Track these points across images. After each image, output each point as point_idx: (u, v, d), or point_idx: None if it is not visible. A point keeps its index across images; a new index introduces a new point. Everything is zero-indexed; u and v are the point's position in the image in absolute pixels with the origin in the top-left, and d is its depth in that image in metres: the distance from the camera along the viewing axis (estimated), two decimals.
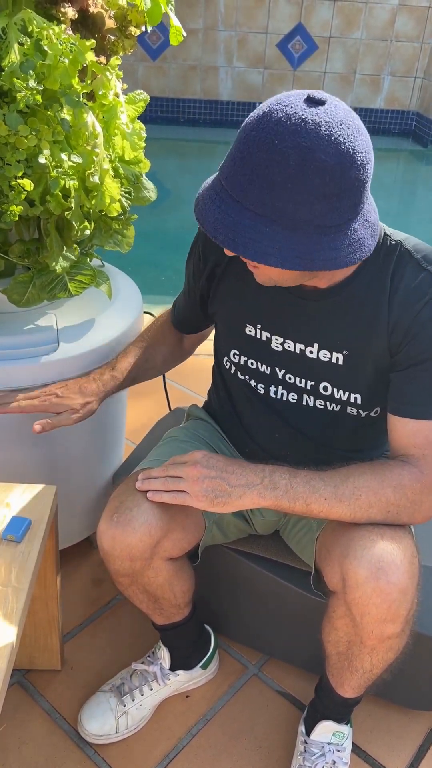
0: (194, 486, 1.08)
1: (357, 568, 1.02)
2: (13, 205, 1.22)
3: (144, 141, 1.46)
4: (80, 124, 1.26)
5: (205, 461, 1.10)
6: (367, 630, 1.05)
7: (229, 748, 1.37)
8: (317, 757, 1.27)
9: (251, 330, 1.21)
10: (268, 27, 6.44)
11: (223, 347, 1.30)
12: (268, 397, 1.24)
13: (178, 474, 1.10)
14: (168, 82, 6.65)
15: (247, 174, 0.90)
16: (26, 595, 1.06)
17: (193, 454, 1.12)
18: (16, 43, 1.17)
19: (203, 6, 6.29)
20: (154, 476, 1.14)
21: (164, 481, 1.12)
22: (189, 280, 1.34)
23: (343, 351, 1.13)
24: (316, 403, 1.20)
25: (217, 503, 1.07)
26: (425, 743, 1.40)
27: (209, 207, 0.95)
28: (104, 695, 1.39)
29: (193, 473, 1.08)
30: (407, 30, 6.50)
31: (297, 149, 0.87)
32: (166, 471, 1.13)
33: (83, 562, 1.76)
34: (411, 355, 1.06)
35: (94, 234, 1.47)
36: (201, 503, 1.08)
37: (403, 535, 1.07)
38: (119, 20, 1.36)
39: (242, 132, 0.93)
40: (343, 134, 0.89)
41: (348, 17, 6.42)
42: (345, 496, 1.04)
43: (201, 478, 1.08)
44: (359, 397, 1.16)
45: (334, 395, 1.17)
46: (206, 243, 1.24)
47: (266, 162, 0.88)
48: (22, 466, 1.51)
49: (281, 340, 1.18)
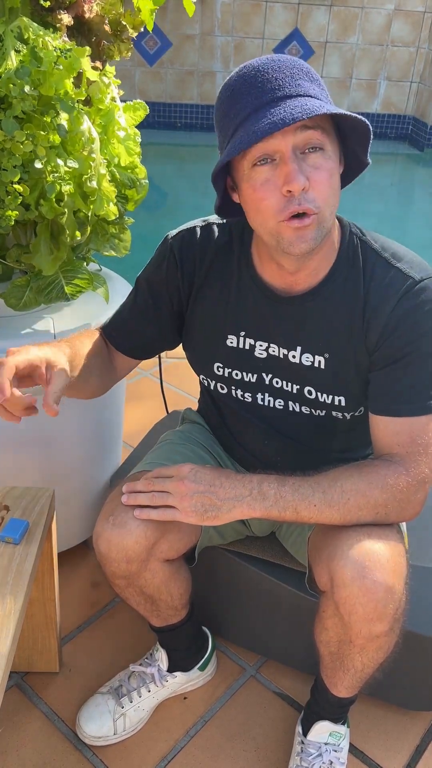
0: (183, 502, 1.07)
1: (343, 567, 1.02)
2: (9, 210, 1.23)
3: (139, 146, 1.47)
4: (76, 129, 1.27)
5: (193, 475, 1.08)
6: (356, 629, 1.06)
7: (227, 749, 1.38)
8: (314, 757, 1.27)
9: (233, 340, 1.19)
10: (264, 32, 6.47)
11: (202, 364, 1.25)
12: (256, 405, 1.23)
13: (166, 489, 1.09)
14: (165, 88, 6.67)
15: (287, 75, 0.97)
16: (24, 598, 1.07)
17: (180, 467, 1.10)
18: (12, 49, 1.18)
19: (200, 11, 6.32)
20: (139, 490, 1.12)
21: (151, 496, 1.10)
22: (156, 295, 1.23)
23: (324, 354, 1.13)
24: (302, 408, 1.20)
25: (207, 518, 1.06)
26: (422, 743, 1.41)
27: (275, 110, 0.94)
28: (102, 697, 1.40)
29: (181, 489, 1.07)
30: (403, 35, 6.53)
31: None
32: (152, 485, 1.10)
33: (81, 565, 1.76)
34: (387, 353, 1.07)
35: (91, 238, 1.48)
36: (191, 518, 1.07)
37: (390, 533, 1.07)
38: (114, 25, 1.37)
39: (242, 70, 1.00)
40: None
41: (344, 22, 6.46)
42: (334, 500, 1.04)
43: (190, 493, 1.06)
44: (343, 399, 1.16)
45: (318, 399, 1.17)
46: (182, 248, 1.19)
47: (291, 62, 0.98)
48: (20, 468, 1.51)
49: (265, 345, 1.17)
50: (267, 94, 0.95)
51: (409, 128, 6.99)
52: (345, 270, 1.09)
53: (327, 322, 1.11)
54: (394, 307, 1.05)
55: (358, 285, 1.08)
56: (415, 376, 1.06)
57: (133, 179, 1.48)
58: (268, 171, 0.96)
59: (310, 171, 0.96)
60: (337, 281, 1.10)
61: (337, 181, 1.01)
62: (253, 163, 0.97)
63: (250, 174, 0.98)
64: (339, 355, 1.12)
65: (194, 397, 2.43)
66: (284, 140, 0.94)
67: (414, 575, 1.23)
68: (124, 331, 1.27)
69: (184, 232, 1.20)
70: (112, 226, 1.50)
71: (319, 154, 0.96)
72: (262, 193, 0.97)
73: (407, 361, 1.06)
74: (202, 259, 1.18)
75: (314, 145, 0.96)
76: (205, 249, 1.18)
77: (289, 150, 0.94)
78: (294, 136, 0.94)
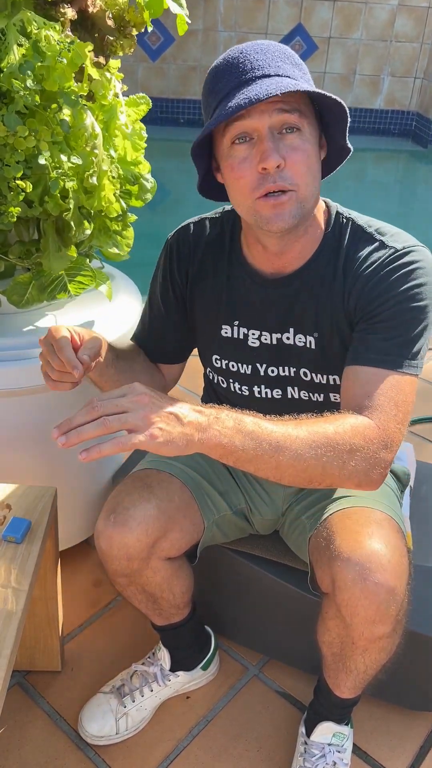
0: (147, 419, 0.84)
1: (344, 569, 1.02)
2: (12, 207, 1.22)
3: (144, 141, 1.46)
4: (79, 124, 1.26)
5: (151, 391, 0.89)
6: (358, 631, 1.05)
7: (230, 749, 1.37)
8: (318, 758, 1.27)
9: (227, 330, 1.22)
10: (267, 28, 6.44)
11: (205, 356, 1.30)
12: (253, 398, 1.24)
13: (121, 407, 0.85)
14: (167, 83, 6.65)
15: (268, 57, 1.00)
16: (26, 596, 1.06)
17: (131, 384, 0.89)
18: (15, 44, 1.17)
19: (202, 7, 6.29)
20: (80, 422, 0.84)
21: (102, 421, 0.83)
22: (165, 301, 1.28)
23: (314, 333, 1.14)
24: (300, 394, 1.20)
25: (175, 441, 0.85)
26: (426, 744, 1.40)
27: (251, 87, 0.97)
28: (104, 696, 1.39)
29: (143, 401, 0.86)
30: (407, 30, 6.50)
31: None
32: (99, 409, 0.85)
33: (83, 563, 1.76)
34: (365, 311, 1.06)
35: (94, 235, 1.47)
36: (157, 441, 0.84)
37: (391, 533, 1.06)
38: (118, 20, 1.36)
39: (229, 54, 1.03)
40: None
41: (347, 18, 6.43)
42: (300, 438, 0.92)
43: (154, 408, 0.85)
44: (337, 378, 1.15)
45: (314, 380, 1.18)
46: (179, 246, 1.24)
47: (275, 47, 1.02)
48: (22, 467, 1.50)
49: (257, 333, 1.19)
50: (247, 74, 0.99)
51: (413, 124, 6.95)
52: (330, 248, 1.11)
53: (314, 302, 1.13)
54: (372, 270, 1.06)
55: (341, 259, 1.10)
56: (391, 332, 1.03)
57: (137, 175, 1.47)
58: (246, 149, 1.00)
59: (286, 151, 0.99)
60: (321, 261, 1.12)
61: (315, 164, 1.03)
62: (232, 140, 1.01)
63: (230, 152, 1.02)
64: (327, 333, 1.13)
65: (197, 394, 2.41)
66: (260, 120, 0.98)
67: (417, 575, 1.22)
68: (152, 343, 1.33)
69: (179, 231, 1.27)
70: (114, 222, 1.48)
71: (296, 135, 0.99)
72: (240, 171, 1.01)
73: (384, 317, 1.04)
74: (195, 253, 1.23)
75: (291, 125, 0.99)
76: (197, 243, 1.23)
77: (265, 129, 0.98)
78: (270, 117, 0.98)
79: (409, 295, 1.03)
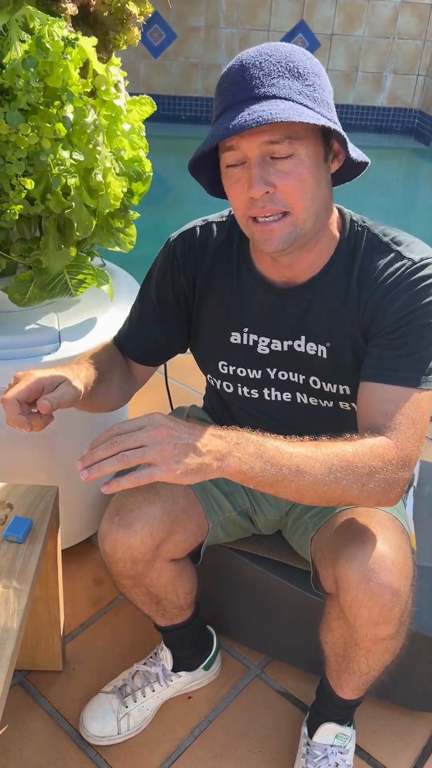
0: (164, 452, 0.85)
1: (348, 570, 1.01)
2: (14, 204, 1.21)
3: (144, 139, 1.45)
4: (82, 121, 1.25)
5: (170, 422, 0.88)
6: (361, 632, 1.04)
7: (232, 750, 1.37)
8: (320, 759, 1.26)
9: (237, 337, 1.19)
10: (270, 24, 6.42)
11: (208, 363, 1.25)
12: (263, 401, 1.22)
13: (139, 442, 0.86)
14: (169, 80, 6.63)
15: (271, 72, 0.96)
16: (28, 596, 1.06)
17: (150, 415, 0.89)
18: (18, 40, 1.16)
19: (205, 4, 6.27)
20: (101, 457, 0.86)
21: (121, 456, 0.85)
22: (161, 301, 1.23)
23: (326, 343, 1.12)
24: (309, 400, 1.19)
25: (192, 472, 0.86)
26: (429, 745, 1.40)
27: (239, 114, 0.93)
28: (106, 696, 1.39)
29: (160, 436, 0.86)
30: (409, 28, 6.47)
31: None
32: (118, 444, 0.86)
33: (85, 563, 1.75)
34: (382, 327, 1.04)
35: (96, 233, 1.46)
36: (176, 473, 0.85)
37: (395, 534, 1.06)
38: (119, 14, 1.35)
39: (236, 61, 0.99)
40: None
41: (350, 15, 6.40)
42: (318, 461, 0.92)
43: (172, 441, 0.86)
44: (347, 388, 1.14)
45: (324, 389, 1.16)
46: (184, 250, 1.20)
47: (279, 57, 0.97)
48: (23, 466, 1.50)
49: (267, 341, 1.16)
50: (242, 93, 0.96)
51: (415, 122, 6.93)
52: (345, 258, 1.09)
53: (327, 312, 1.11)
54: (390, 284, 1.04)
55: (355, 270, 1.08)
56: (409, 348, 1.02)
57: (140, 172, 1.46)
58: (239, 172, 0.99)
59: (278, 177, 0.97)
60: (335, 271, 1.09)
61: (313, 185, 0.99)
62: (226, 164, 1.01)
63: (226, 172, 1.02)
64: (339, 343, 1.11)
65: (199, 392, 2.41)
66: (248, 146, 0.96)
67: (421, 576, 1.21)
68: (136, 340, 1.28)
69: (185, 234, 1.22)
70: (117, 220, 1.48)
71: (289, 161, 0.97)
72: (233, 193, 1.02)
73: (402, 332, 1.02)
74: (203, 259, 1.19)
75: (280, 155, 0.97)
76: (205, 248, 1.20)
77: (254, 156, 0.97)
78: (258, 146, 0.96)
79: (427, 310, 1.02)
